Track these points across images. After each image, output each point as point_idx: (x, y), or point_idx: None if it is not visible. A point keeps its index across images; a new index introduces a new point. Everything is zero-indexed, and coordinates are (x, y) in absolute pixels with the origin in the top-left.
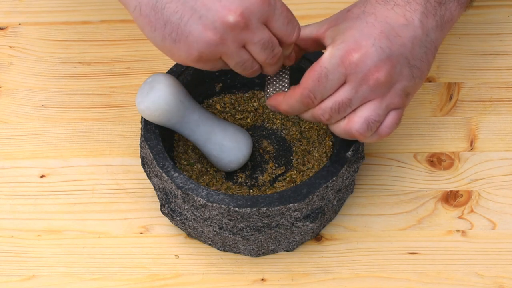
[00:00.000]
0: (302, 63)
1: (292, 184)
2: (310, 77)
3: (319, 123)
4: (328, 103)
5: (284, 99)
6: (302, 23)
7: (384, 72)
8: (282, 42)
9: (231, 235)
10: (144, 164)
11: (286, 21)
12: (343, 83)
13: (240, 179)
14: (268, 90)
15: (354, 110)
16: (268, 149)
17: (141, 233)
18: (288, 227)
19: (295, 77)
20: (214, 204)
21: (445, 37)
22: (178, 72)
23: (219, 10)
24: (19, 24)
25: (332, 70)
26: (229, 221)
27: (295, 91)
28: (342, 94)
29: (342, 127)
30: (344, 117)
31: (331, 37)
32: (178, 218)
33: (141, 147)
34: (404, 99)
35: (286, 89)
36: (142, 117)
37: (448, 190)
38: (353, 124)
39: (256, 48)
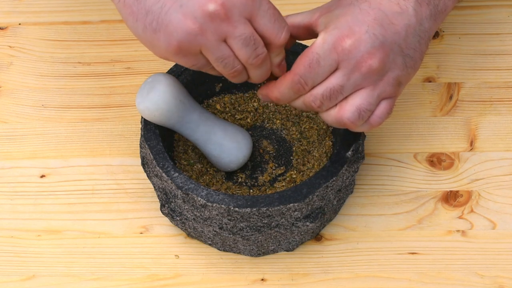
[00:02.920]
0: (300, 48)
1: (292, 184)
2: (301, 63)
3: (311, 111)
4: (320, 90)
5: (275, 86)
6: None
7: (377, 59)
8: (270, 43)
9: (231, 235)
10: (144, 164)
11: (272, 19)
12: (335, 70)
13: (240, 179)
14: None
15: (345, 98)
16: (268, 149)
17: (141, 233)
18: (288, 227)
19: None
20: (214, 204)
21: (445, 37)
22: (178, 72)
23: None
24: (19, 24)
25: (324, 56)
26: (229, 221)
27: (286, 77)
28: (334, 81)
29: (333, 115)
30: (336, 105)
31: (323, 24)
32: (178, 218)
33: (141, 147)
34: (397, 88)
35: None
36: (142, 117)
37: (448, 190)
38: (344, 112)
39: (237, 43)
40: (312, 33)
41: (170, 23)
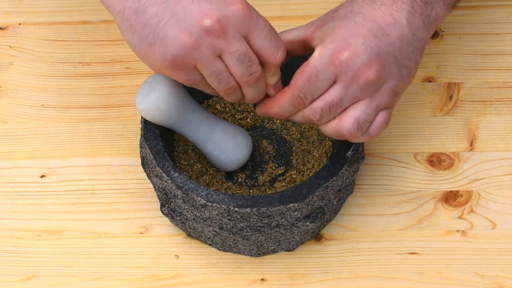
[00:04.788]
0: (297, 60)
1: (292, 184)
2: (300, 77)
3: (310, 124)
4: (319, 103)
5: (274, 102)
6: (302, 23)
7: (374, 70)
8: (265, 62)
9: (231, 235)
10: (144, 164)
11: (269, 37)
12: (333, 83)
13: (240, 179)
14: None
15: (344, 110)
16: (268, 149)
17: (141, 233)
18: (288, 227)
19: (289, 75)
20: (214, 204)
21: (445, 37)
22: None
23: (197, 14)
24: (19, 24)
25: (322, 70)
26: (229, 221)
27: (285, 92)
28: (333, 94)
29: (332, 127)
30: (335, 117)
31: (319, 38)
32: (178, 218)
33: (141, 147)
34: (393, 99)
35: None
36: (142, 117)
37: (448, 190)
38: (344, 124)
39: (232, 59)
40: (307, 48)
41: (166, 37)
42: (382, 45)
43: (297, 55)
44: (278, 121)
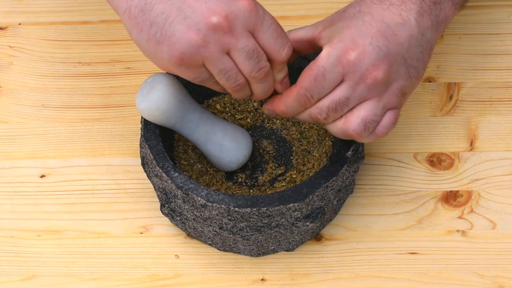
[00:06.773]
0: (302, 63)
1: (292, 184)
2: (307, 76)
3: (317, 123)
4: (325, 102)
5: (281, 100)
6: (302, 23)
7: (382, 70)
8: (272, 59)
9: (231, 235)
10: (144, 164)
11: (275, 34)
12: (340, 82)
13: (240, 179)
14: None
15: (351, 109)
16: (268, 149)
17: (141, 233)
18: (288, 227)
19: (295, 77)
20: (214, 204)
21: (445, 37)
22: None
23: (204, 11)
24: (19, 24)
25: (329, 69)
26: (229, 221)
27: (292, 90)
28: (339, 93)
29: (339, 127)
30: (341, 116)
31: (327, 37)
32: (178, 218)
33: (141, 147)
34: (401, 99)
35: None
36: (142, 117)
37: (448, 190)
38: (350, 123)
39: (240, 55)
40: (315, 47)
41: (173, 35)
42: (390, 45)
43: (304, 55)
44: (278, 121)
